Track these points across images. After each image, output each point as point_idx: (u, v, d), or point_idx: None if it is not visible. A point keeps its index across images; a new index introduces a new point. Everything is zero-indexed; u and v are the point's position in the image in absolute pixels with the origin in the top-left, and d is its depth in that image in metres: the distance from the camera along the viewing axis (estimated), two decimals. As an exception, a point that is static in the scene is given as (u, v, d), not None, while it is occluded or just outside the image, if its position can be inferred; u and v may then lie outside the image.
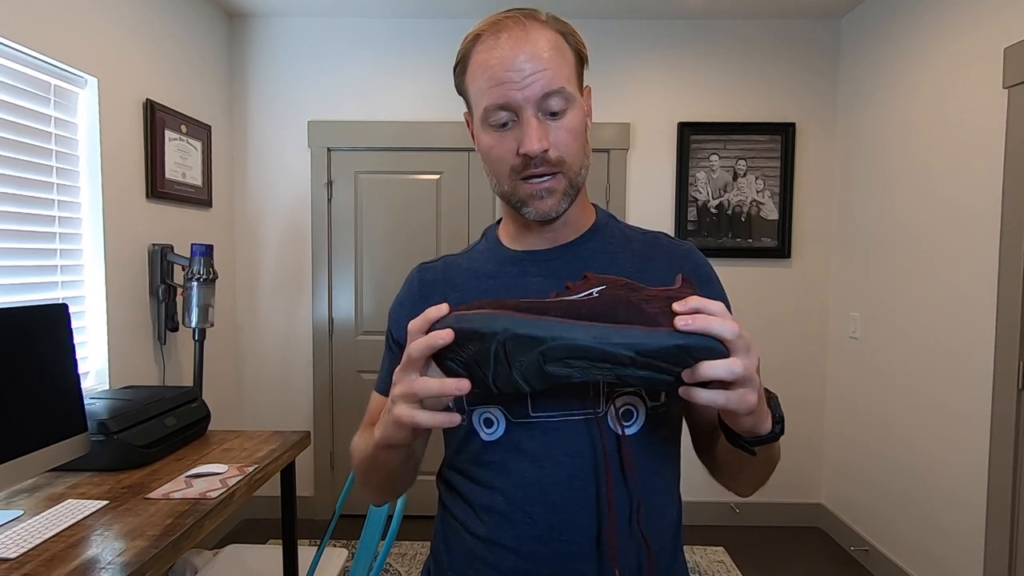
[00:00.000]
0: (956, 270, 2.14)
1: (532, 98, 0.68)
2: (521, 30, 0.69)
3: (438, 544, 0.81)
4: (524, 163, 0.70)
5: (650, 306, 0.56)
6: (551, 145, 0.69)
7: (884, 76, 2.57)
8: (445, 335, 0.55)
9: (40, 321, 1.37)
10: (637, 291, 0.57)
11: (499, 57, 0.69)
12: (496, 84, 0.68)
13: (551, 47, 0.70)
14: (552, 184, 0.71)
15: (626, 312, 0.55)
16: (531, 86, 0.68)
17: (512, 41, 0.69)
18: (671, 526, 0.76)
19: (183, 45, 2.57)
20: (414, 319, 0.59)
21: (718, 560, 2.67)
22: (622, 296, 0.57)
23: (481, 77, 0.70)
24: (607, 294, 0.57)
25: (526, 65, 0.67)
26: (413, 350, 0.57)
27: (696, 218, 2.96)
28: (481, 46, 0.71)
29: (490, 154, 0.73)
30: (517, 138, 0.70)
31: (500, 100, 0.69)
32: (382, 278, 3.04)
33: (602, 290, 0.58)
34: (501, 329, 0.54)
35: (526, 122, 0.69)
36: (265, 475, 1.60)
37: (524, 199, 0.73)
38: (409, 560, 2.65)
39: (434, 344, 0.56)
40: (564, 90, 0.69)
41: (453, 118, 2.93)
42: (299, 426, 3.06)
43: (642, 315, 0.55)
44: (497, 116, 0.70)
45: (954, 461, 2.14)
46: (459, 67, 0.75)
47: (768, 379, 2.93)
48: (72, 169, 2.02)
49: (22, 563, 1.08)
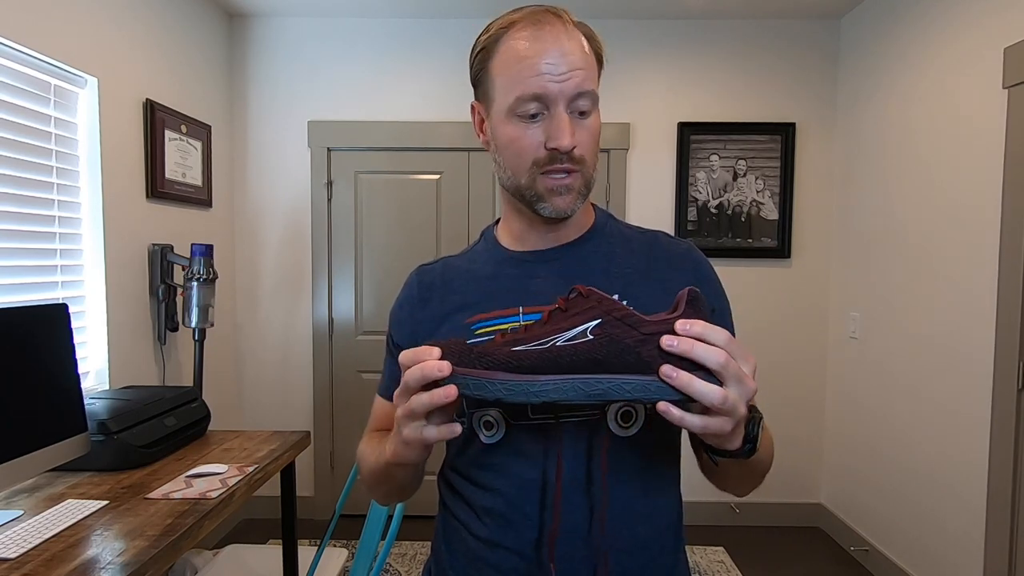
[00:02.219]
0: (956, 270, 2.14)
1: (568, 93, 0.68)
2: (562, 25, 0.70)
3: (439, 545, 0.81)
4: (550, 158, 0.70)
5: (645, 349, 0.56)
6: (577, 143, 0.70)
7: (884, 76, 2.57)
8: (448, 393, 0.56)
9: (40, 321, 1.36)
10: (634, 327, 0.56)
11: (539, 49, 0.68)
12: (535, 74, 0.68)
13: (583, 49, 0.70)
14: (571, 182, 0.71)
15: (620, 359, 0.56)
16: (568, 81, 0.68)
17: (553, 34, 0.69)
18: (671, 526, 0.76)
19: (183, 45, 2.57)
20: (407, 354, 0.58)
21: (718, 560, 2.67)
22: (618, 337, 0.56)
23: (516, 65, 0.69)
24: (604, 335, 0.56)
25: (563, 60, 0.68)
26: (411, 381, 0.57)
27: (696, 218, 2.96)
28: (517, 34, 0.70)
29: (512, 146, 0.72)
30: (545, 131, 0.69)
31: (537, 90, 0.68)
32: (382, 278, 3.04)
33: (598, 328, 0.57)
34: (493, 399, 0.56)
35: (558, 116, 0.68)
36: (265, 475, 1.60)
37: (542, 194, 0.72)
38: (409, 560, 2.65)
39: (435, 402, 0.57)
40: (593, 93, 0.70)
41: (453, 118, 2.93)
42: (299, 426, 3.06)
43: (638, 361, 0.56)
44: (528, 107, 0.69)
45: (954, 461, 2.14)
46: (482, 53, 0.73)
47: (768, 379, 2.94)
48: (72, 169, 2.02)
49: (22, 563, 1.08)
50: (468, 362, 0.56)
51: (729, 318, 0.80)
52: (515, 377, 0.56)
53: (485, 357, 0.56)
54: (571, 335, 0.57)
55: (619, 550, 0.70)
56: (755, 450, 0.61)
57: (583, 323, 0.57)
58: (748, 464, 0.65)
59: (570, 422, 0.71)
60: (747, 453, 0.61)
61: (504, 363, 0.56)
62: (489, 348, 0.58)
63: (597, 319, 0.57)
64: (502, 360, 0.56)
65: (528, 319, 0.74)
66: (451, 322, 0.77)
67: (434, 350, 0.57)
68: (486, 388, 0.56)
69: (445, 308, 0.78)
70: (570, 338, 0.57)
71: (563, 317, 0.58)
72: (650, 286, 0.76)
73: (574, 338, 0.57)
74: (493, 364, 0.56)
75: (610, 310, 0.58)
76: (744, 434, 0.60)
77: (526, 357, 0.56)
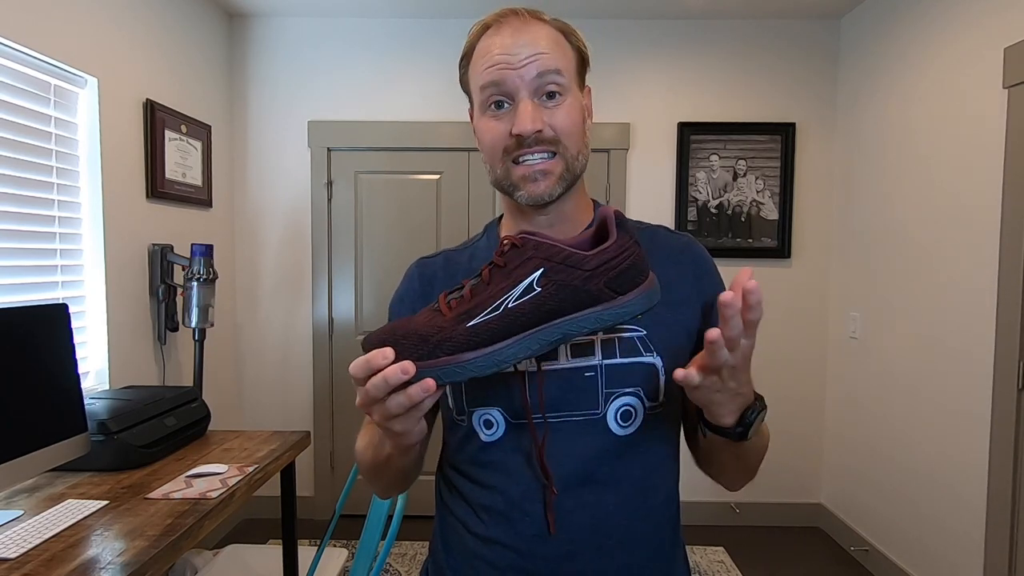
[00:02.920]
0: (956, 270, 2.14)
1: (527, 79, 0.69)
2: (522, 22, 0.71)
3: (437, 542, 0.81)
4: (516, 143, 0.70)
5: (593, 284, 0.57)
6: (545, 125, 0.70)
7: (884, 76, 2.57)
8: (427, 387, 0.54)
9: (40, 321, 1.36)
10: (577, 267, 0.57)
11: (499, 43, 0.70)
12: (492, 65, 0.70)
13: (550, 39, 0.71)
14: (548, 166, 0.71)
15: (572, 301, 0.57)
16: (526, 67, 0.69)
17: (511, 29, 0.71)
18: (669, 523, 0.76)
19: (183, 45, 2.57)
20: (357, 363, 0.54)
21: (718, 560, 2.67)
22: (565, 282, 0.57)
23: (481, 61, 0.72)
24: (550, 283, 0.56)
25: (523, 50, 0.69)
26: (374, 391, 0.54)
27: (696, 218, 2.96)
28: (485, 36, 0.73)
29: (484, 138, 0.74)
30: (511, 121, 0.70)
31: (494, 77, 0.70)
32: (382, 278, 3.04)
33: (543, 279, 0.57)
34: (466, 379, 0.57)
35: (521, 103, 0.70)
36: (265, 475, 1.60)
37: (516, 182, 0.72)
38: (409, 560, 2.65)
39: (415, 401, 0.54)
40: (560, 72, 0.70)
41: (453, 118, 2.93)
42: (299, 426, 3.06)
43: (588, 298, 0.57)
44: (489, 95, 0.71)
45: (954, 461, 2.14)
46: (464, 60, 0.76)
47: (768, 379, 2.94)
48: (72, 169, 2.02)
49: (22, 563, 1.08)
50: (428, 353, 0.55)
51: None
52: (479, 353, 0.56)
53: (445, 344, 0.55)
54: (519, 292, 0.57)
55: (617, 547, 0.70)
56: (747, 436, 0.63)
57: (526, 276, 0.57)
58: (739, 449, 0.67)
59: (570, 421, 0.71)
60: (738, 436, 0.63)
61: (465, 343, 0.56)
62: (444, 330, 0.56)
63: (540, 268, 0.57)
64: (462, 341, 0.56)
65: None
66: None
67: (387, 351, 0.54)
68: (456, 373, 0.56)
69: None
70: (519, 296, 0.56)
71: (504, 273, 0.58)
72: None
73: (523, 295, 0.56)
74: (455, 348, 0.56)
75: (550, 255, 0.57)
76: (741, 417, 0.62)
77: (484, 329, 0.56)
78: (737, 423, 0.63)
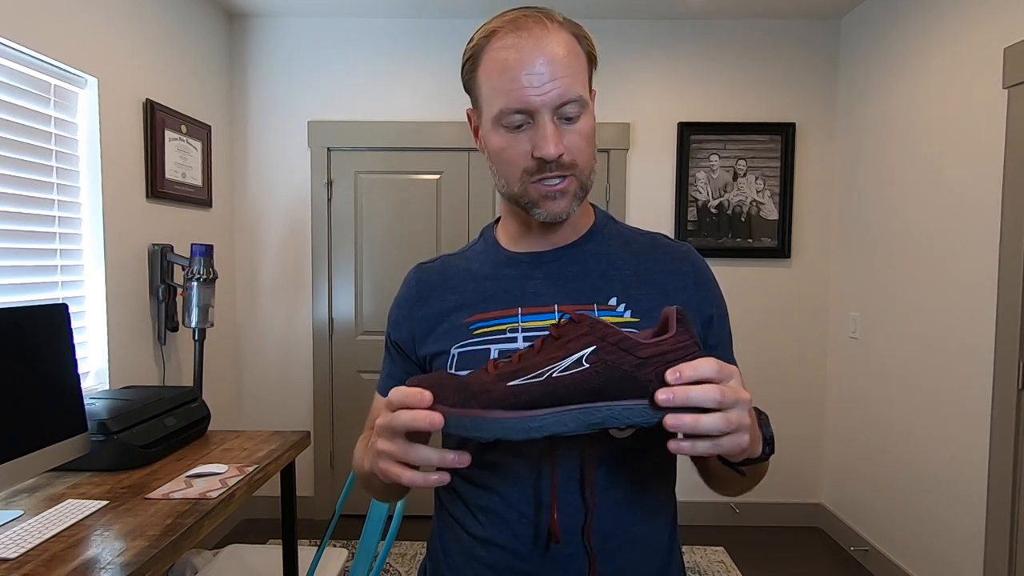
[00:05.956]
0: (956, 270, 2.14)
1: (550, 104, 0.68)
2: (542, 30, 0.68)
3: (435, 543, 0.81)
4: (539, 166, 0.70)
5: (643, 372, 0.55)
6: (565, 150, 0.69)
7: (884, 76, 2.57)
8: (433, 422, 0.54)
9: (40, 321, 1.36)
10: (630, 352, 0.55)
11: (518, 59, 0.68)
12: (516, 87, 0.67)
13: (568, 51, 0.69)
14: (564, 186, 0.71)
15: (619, 386, 0.55)
16: (550, 92, 0.67)
17: (532, 41, 0.68)
18: (666, 525, 0.76)
19: (183, 45, 2.57)
20: (396, 393, 0.57)
21: (718, 560, 2.67)
22: (614, 363, 0.55)
23: (498, 77, 0.69)
24: (600, 362, 0.55)
25: (545, 69, 0.67)
26: (397, 425, 0.56)
27: (696, 218, 2.96)
28: (498, 43, 0.70)
29: (501, 155, 0.72)
30: (531, 140, 0.69)
31: (518, 104, 0.68)
32: (382, 278, 3.04)
33: (593, 356, 0.55)
34: (492, 438, 0.56)
35: (543, 126, 0.68)
36: (265, 475, 1.60)
37: (536, 201, 0.72)
38: (409, 560, 2.65)
39: (417, 426, 0.55)
40: (581, 98, 0.69)
41: (453, 118, 2.93)
42: (299, 426, 3.06)
43: (635, 385, 0.55)
44: (512, 119, 0.69)
45: (954, 461, 2.14)
46: (470, 63, 0.73)
47: (768, 379, 2.94)
48: (72, 169, 2.02)
49: (22, 563, 1.08)
50: (463, 401, 0.55)
51: (727, 322, 0.81)
52: (513, 414, 0.55)
53: (481, 395, 0.55)
54: (566, 364, 0.56)
55: (614, 549, 0.70)
56: (774, 446, 0.64)
57: (577, 351, 0.56)
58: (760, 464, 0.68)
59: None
60: (770, 453, 0.64)
61: (501, 400, 0.55)
62: (485, 384, 0.56)
63: (592, 346, 0.56)
64: (499, 397, 0.55)
65: (527, 320, 0.74)
66: (449, 321, 0.77)
67: (426, 393, 0.55)
68: (484, 428, 0.55)
69: (443, 307, 0.78)
70: (566, 368, 0.55)
71: (557, 345, 0.57)
72: (649, 288, 0.76)
73: (570, 368, 0.55)
74: (490, 403, 0.55)
75: (604, 336, 0.56)
76: (761, 435, 0.63)
77: (524, 392, 0.55)
78: (763, 444, 0.64)
